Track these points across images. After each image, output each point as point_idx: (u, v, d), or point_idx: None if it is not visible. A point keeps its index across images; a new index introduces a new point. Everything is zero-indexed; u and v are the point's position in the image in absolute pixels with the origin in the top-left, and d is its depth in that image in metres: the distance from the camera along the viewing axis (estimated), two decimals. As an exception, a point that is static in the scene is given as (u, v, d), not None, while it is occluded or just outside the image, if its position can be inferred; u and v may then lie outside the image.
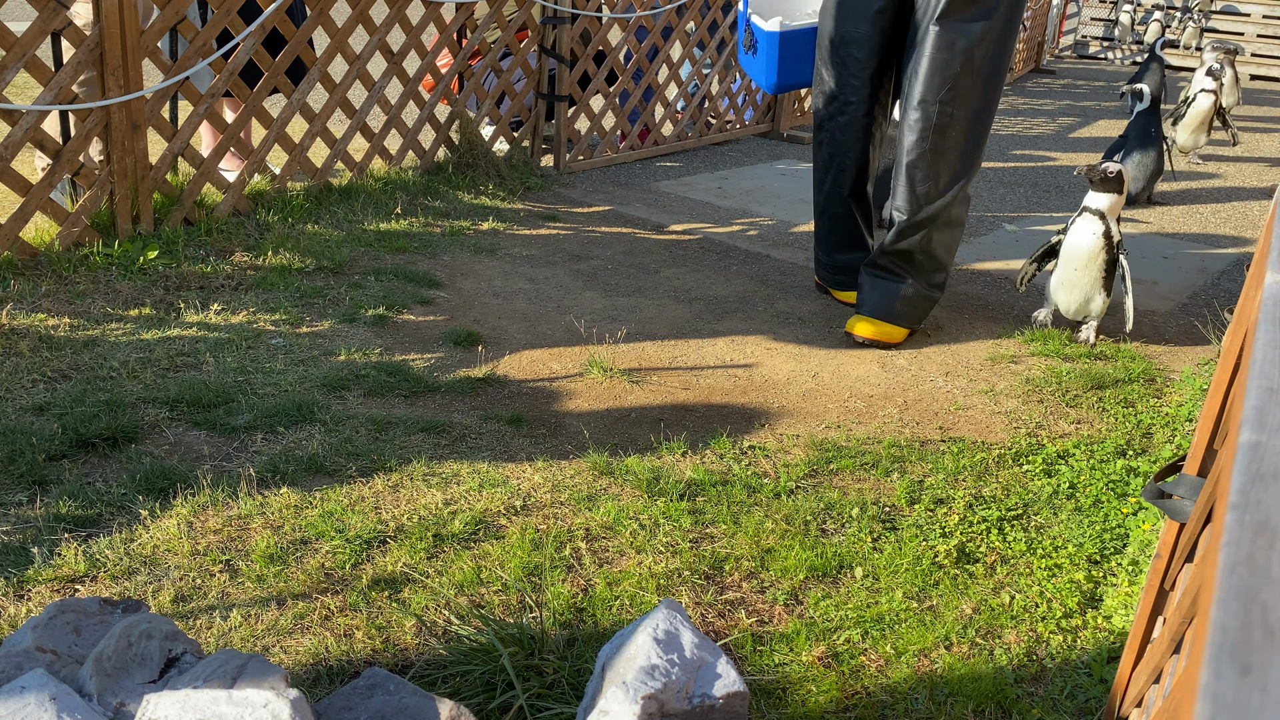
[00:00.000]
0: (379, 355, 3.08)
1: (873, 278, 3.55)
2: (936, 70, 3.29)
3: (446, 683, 1.79)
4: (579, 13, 5.13)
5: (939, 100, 3.31)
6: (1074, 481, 2.64)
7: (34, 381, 2.73)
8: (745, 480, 2.55)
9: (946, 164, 3.39)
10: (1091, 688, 1.93)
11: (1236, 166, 6.93)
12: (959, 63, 3.28)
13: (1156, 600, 1.51)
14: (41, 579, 1.99)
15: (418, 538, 2.21)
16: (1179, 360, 3.54)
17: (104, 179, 3.53)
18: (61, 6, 3.26)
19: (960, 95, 3.31)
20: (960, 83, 3.29)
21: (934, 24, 3.27)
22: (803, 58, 3.88)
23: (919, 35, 3.35)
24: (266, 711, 1.31)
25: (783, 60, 3.90)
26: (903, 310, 3.53)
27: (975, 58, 3.29)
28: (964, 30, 3.26)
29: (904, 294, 3.51)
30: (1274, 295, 0.99)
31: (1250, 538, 0.62)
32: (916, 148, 3.37)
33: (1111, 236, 3.51)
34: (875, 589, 2.18)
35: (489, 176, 4.94)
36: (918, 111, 3.33)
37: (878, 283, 3.53)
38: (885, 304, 3.52)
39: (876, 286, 3.53)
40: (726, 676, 1.47)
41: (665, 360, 3.26)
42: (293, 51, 4.02)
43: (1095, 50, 13.10)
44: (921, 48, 3.32)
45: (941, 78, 3.29)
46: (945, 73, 3.29)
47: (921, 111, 3.33)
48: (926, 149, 3.36)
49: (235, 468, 2.42)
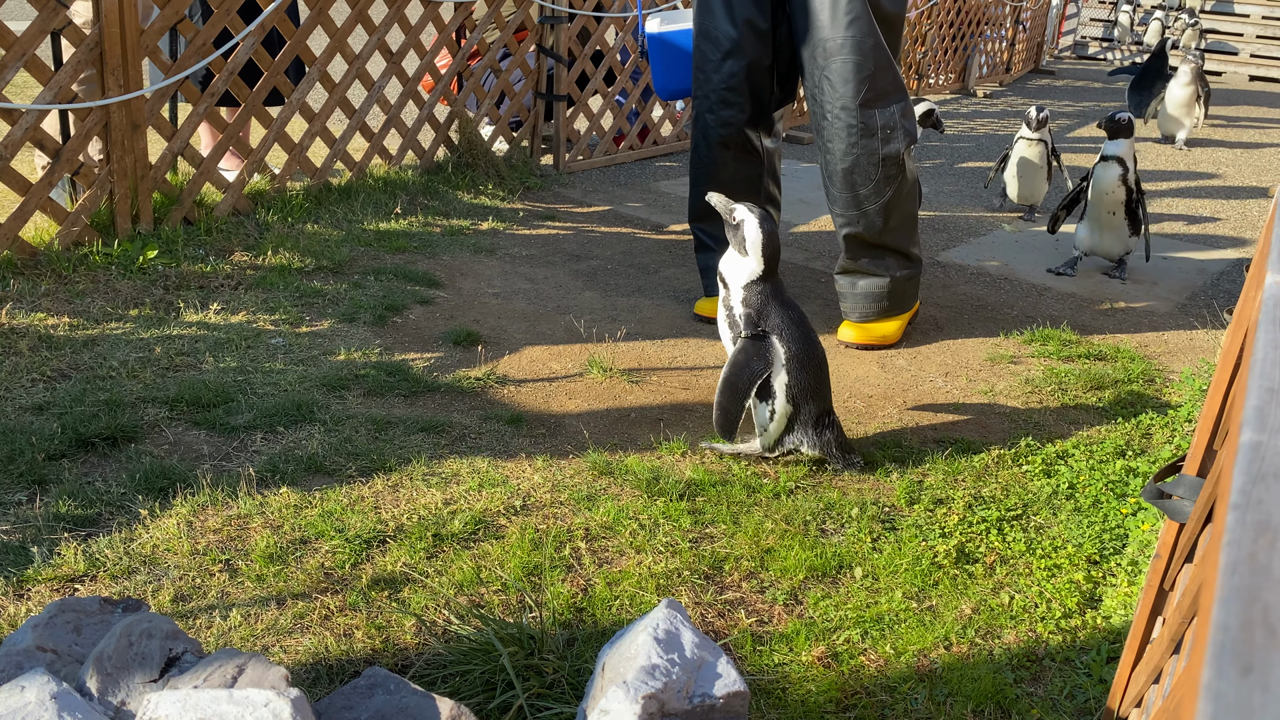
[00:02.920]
0: (378, 355, 3.08)
1: (850, 280, 3.45)
2: (851, 74, 3.12)
3: (446, 682, 1.79)
4: (577, 12, 5.13)
5: (859, 104, 3.15)
6: (1073, 482, 2.64)
7: (33, 381, 2.73)
8: (745, 480, 2.55)
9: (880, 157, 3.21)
10: (1091, 688, 1.94)
11: (1236, 167, 6.93)
12: (871, 62, 3.11)
13: (1156, 600, 1.51)
14: (41, 578, 1.99)
15: (417, 537, 2.21)
16: (1179, 360, 3.54)
17: (103, 178, 3.53)
18: (61, 6, 3.26)
19: (879, 93, 3.15)
20: (879, 79, 3.14)
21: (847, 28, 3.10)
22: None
23: (816, 44, 3.15)
24: (267, 711, 1.31)
25: (668, 64, 3.61)
26: (891, 304, 3.46)
27: (880, 43, 3.12)
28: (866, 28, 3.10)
29: (886, 289, 3.42)
30: (1274, 295, 0.99)
31: (1252, 537, 0.63)
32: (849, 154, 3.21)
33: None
34: (875, 589, 2.18)
35: (488, 176, 4.94)
36: (840, 118, 3.18)
37: (856, 282, 3.44)
38: (871, 305, 3.45)
39: (856, 289, 3.44)
40: (727, 676, 1.47)
41: (665, 360, 3.26)
42: (292, 51, 4.02)
43: (1095, 51, 13.11)
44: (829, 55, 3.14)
45: (857, 81, 3.13)
46: (860, 74, 3.13)
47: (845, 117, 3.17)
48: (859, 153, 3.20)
49: (235, 467, 2.42)
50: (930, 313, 3.85)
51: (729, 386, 2.51)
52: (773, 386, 2.54)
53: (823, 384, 2.59)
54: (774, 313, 2.53)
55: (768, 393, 2.55)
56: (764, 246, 2.51)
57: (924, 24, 8.43)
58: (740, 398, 2.52)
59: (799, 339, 2.54)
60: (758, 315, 2.54)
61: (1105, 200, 4.13)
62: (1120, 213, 4.15)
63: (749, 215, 2.53)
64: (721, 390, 2.52)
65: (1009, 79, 10.35)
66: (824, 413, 2.59)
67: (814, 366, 2.56)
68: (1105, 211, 4.16)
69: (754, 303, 2.54)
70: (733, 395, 2.52)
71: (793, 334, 2.53)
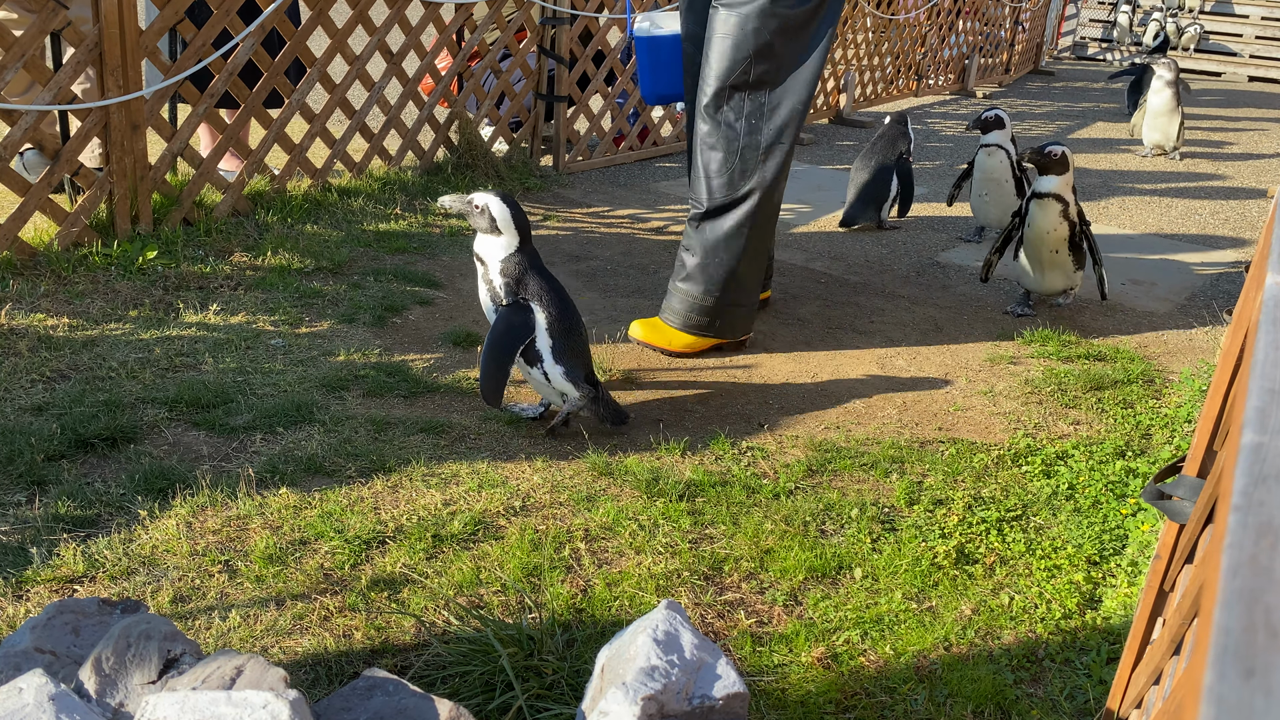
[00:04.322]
0: (378, 355, 3.07)
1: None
2: (726, 54, 3.03)
3: (446, 683, 1.79)
4: (578, 13, 5.13)
5: (730, 84, 3.06)
6: (1073, 483, 2.64)
7: (33, 381, 2.73)
8: (744, 481, 2.55)
9: (741, 160, 3.12)
10: (1091, 689, 1.93)
11: (1236, 167, 6.93)
12: (750, 45, 3.02)
13: (1156, 601, 1.51)
14: (40, 579, 1.99)
15: (417, 538, 2.21)
16: (1178, 361, 3.54)
17: (103, 179, 3.52)
18: (61, 6, 3.26)
19: (755, 82, 3.06)
20: (753, 68, 3.04)
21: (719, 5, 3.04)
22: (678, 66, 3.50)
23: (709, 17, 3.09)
24: (266, 712, 1.30)
25: (655, 67, 3.55)
26: (677, 308, 3.27)
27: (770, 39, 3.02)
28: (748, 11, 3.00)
29: (679, 290, 3.27)
30: (1274, 296, 0.99)
31: (1253, 539, 0.62)
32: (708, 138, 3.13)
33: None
34: (874, 590, 2.18)
35: (488, 177, 4.94)
36: (709, 100, 3.10)
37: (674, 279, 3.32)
38: (666, 301, 3.32)
39: (674, 286, 3.32)
40: (726, 677, 1.47)
41: (664, 360, 3.26)
42: (292, 52, 4.02)
43: (1094, 51, 13.11)
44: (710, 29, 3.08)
45: (732, 61, 3.03)
46: (736, 55, 3.03)
47: (714, 100, 3.09)
48: (718, 139, 3.12)
49: (234, 468, 2.42)
50: (930, 313, 3.85)
51: (493, 351, 2.61)
52: (539, 349, 2.64)
53: (582, 346, 2.71)
54: (532, 281, 2.65)
55: (535, 356, 2.64)
56: (514, 219, 2.64)
57: (924, 24, 8.43)
58: (504, 362, 2.62)
59: (556, 304, 2.66)
60: (516, 284, 2.64)
61: (1047, 239, 3.68)
62: (1064, 249, 3.70)
63: (491, 197, 2.65)
64: (485, 356, 2.61)
65: (1008, 79, 10.35)
66: (588, 372, 2.72)
67: (574, 330, 2.68)
68: (1047, 251, 3.71)
69: (512, 273, 2.64)
70: (497, 360, 2.61)
71: (550, 299, 2.65)
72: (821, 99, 7.27)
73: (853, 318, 3.75)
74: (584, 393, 2.68)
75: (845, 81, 7.39)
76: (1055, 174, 3.60)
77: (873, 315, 3.79)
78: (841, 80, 7.39)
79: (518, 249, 2.65)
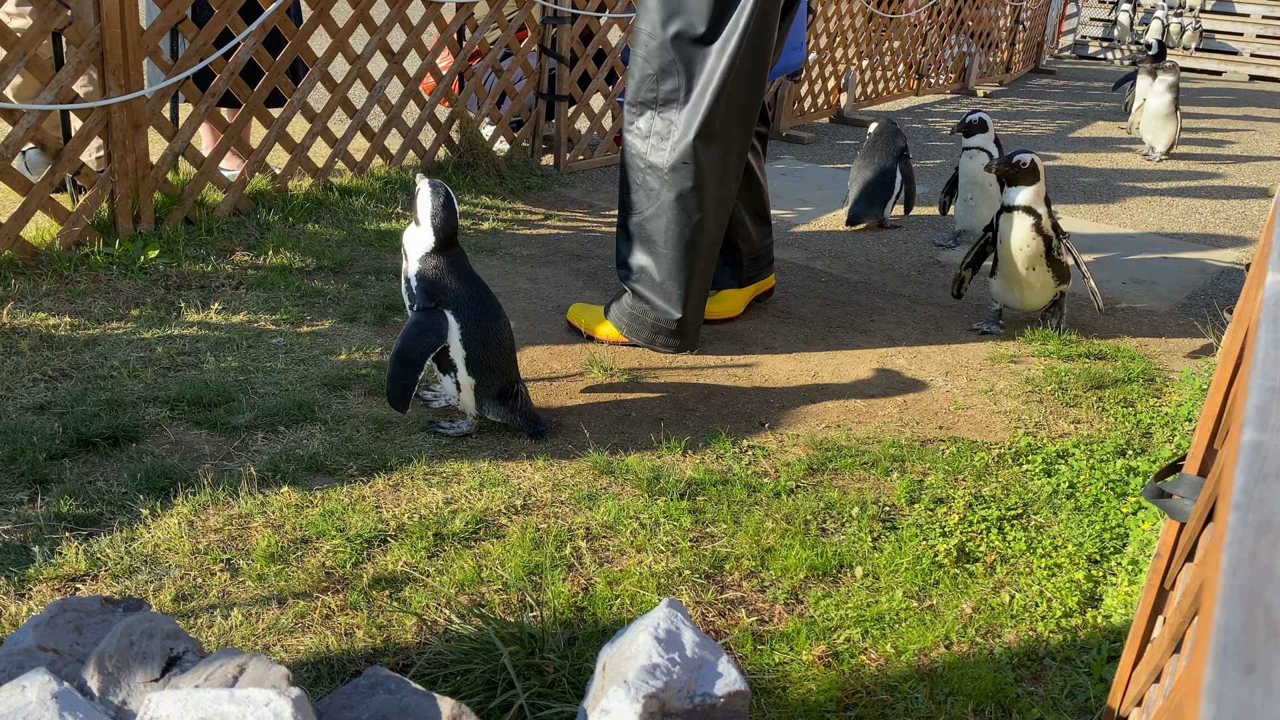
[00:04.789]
0: (380, 354, 3.08)
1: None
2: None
3: (447, 681, 1.79)
4: (579, 12, 5.13)
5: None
6: (1074, 481, 2.65)
7: (35, 380, 2.73)
8: (745, 480, 2.55)
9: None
10: (1091, 687, 1.94)
11: (1236, 166, 6.93)
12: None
13: (1156, 600, 1.51)
14: (43, 578, 1.99)
15: (418, 537, 2.21)
16: (1179, 360, 3.54)
17: (104, 178, 3.53)
18: (63, 6, 3.26)
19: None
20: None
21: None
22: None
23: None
24: (268, 710, 1.31)
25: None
26: (614, 309, 3.29)
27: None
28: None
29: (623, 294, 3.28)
30: (1275, 295, 0.99)
31: (1253, 537, 0.63)
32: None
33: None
34: (875, 588, 2.18)
35: (489, 176, 4.94)
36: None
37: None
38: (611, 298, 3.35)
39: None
40: (728, 675, 1.47)
41: (665, 360, 3.26)
42: (293, 51, 4.02)
43: (1094, 51, 13.10)
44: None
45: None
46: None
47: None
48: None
49: (236, 467, 2.43)
50: (931, 311, 3.85)
51: (399, 358, 2.50)
52: (452, 359, 2.54)
53: (503, 357, 2.59)
54: (450, 286, 2.51)
55: (449, 365, 2.55)
56: (434, 216, 2.50)
57: (924, 24, 8.43)
58: (412, 370, 2.49)
59: (476, 314, 2.53)
60: (431, 288, 2.52)
61: (1020, 256, 3.46)
62: (1041, 265, 3.48)
63: (425, 184, 2.52)
64: (392, 362, 2.51)
65: (1009, 79, 10.35)
66: (508, 384, 2.61)
67: (493, 341, 2.55)
68: (1022, 269, 3.49)
69: (428, 275, 2.52)
70: (403, 367, 2.49)
71: (470, 309, 2.52)
72: (822, 98, 7.27)
73: (853, 316, 3.75)
74: (473, 422, 2.62)
75: (846, 80, 7.39)
76: (1025, 184, 3.41)
77: (873, 314, 3.80)
78: (842, 79, 7.39)
79: (435, 249, 2.51)
